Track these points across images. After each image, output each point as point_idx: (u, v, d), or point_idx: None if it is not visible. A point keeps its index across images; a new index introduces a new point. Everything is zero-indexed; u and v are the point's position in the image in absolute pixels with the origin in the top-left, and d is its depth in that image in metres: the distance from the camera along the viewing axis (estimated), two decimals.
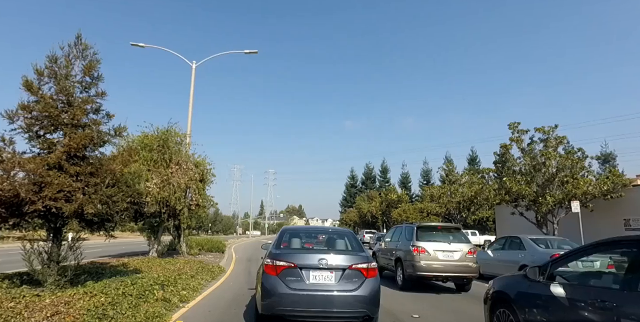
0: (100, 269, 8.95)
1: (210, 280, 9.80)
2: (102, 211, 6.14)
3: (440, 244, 9.69)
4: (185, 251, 15.55)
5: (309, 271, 5.09)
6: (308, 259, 5.16)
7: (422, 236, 9.96)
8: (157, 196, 12.46)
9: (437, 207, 30.45)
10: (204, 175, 15.40)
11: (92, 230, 6.59)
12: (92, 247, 26.02)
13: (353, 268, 5.13)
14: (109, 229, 6.74)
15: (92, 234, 6.65)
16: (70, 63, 7.04)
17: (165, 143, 13.39)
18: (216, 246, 20.93)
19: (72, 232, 6.22)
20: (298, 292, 4.91)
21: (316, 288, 4.98)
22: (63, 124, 6.66)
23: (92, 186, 6.16)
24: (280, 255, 5.27)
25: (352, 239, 6.13)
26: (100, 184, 6.20)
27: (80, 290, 5.48)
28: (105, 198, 6.15)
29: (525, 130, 21.43)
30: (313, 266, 5.10)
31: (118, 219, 6.57)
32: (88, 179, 6.30)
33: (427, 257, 9.50)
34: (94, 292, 5.36)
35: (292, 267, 5.08)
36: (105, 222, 6.77)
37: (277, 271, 5.05)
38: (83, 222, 6.27)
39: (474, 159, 62.16)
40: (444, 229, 10.36)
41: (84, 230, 6.42)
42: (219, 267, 12.06)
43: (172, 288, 7.14)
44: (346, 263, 5.16)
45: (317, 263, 5.10)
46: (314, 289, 4.97)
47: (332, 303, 4.96)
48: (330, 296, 4.97)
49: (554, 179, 19.10)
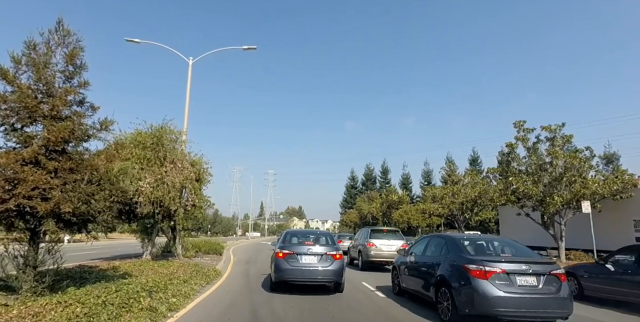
0: (87, 273, 8.37)
1: (205, 285, 9.21)
2: (82, 210, 5.58)
3: (384, 241, 14.48)
4: (180, 253, 14.96)
5: (302, 255, 8.49)
6: (301, 249, 8.60)
7: (373, 235, 14.83)
8: (151, 195, 11.88)
9: (440, 208, 29.85)
10: (201, 174, 14.82)
11: (72, 231, 6.01)
12: (88, 249, 25.44)
13: (327, 254, 8.53)
14: (91, 230, 6.15)
15: (72, 235, 6.06)
16: (51, 50, 6.50)
17: (159, 141, 12.81)
18: (214, 248, 20.36)
19: (48, 234, 5.63)
20: (295, 267, 8.34)
21: (306, 265, 8.40)
22: (42, 115, 6.10)
23: (71, 183, 5.59)
24: (284, 247, 8.72)
25: (329, 238, 9.74)
26: (79, 180, 5.63)
27: (54, 299, 4.89)
28: (85, 196, 5.59)
29: (531, 129, 20.85)
30: (304, 252, 8.52)
31: (101, 219, 6.00)
32: (67, 176, 5.75)
33: (375, 249, 14.31)
34: (70, 302, 4.78)
35: (292, 254, 8.48)
36: (88, 223, 6.21)
37: (283, 256, 8.46)
38: (61, 222, 5.69)
39: (475, 159, 61.49)
40: (388, 231, 15.62)
41: (63, 231, 5.84)
42: (215, 271, 11.47)
43: (161, 295, 6.55)
44: (323, 251, 8.56)
45: (307, 251, 8.55)
46: (304, 265, 8.39)
47: (315, 273, 8.36)
48: (315, 269, 8.37)
49: (562, 179, 18.50)
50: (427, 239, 8.33)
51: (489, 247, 7.22)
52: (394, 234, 15.39)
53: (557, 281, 5.82)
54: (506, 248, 7.01)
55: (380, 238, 14.60)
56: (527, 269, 5.78)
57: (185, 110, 17.21)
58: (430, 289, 6.89)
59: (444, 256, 6.92)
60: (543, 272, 5.79)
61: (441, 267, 6.71)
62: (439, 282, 6.57)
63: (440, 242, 7.50)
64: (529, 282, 5.72)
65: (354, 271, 14.10)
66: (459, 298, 5.91)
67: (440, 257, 7.02)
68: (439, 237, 7.83)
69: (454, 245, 6.93)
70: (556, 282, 5.79)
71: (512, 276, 5.72)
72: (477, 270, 5.78)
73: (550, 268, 5.91)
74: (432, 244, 7.85)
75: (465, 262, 6.09)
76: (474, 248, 6.96)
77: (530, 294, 5.59)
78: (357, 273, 13.50)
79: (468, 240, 7.25)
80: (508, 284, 5.65)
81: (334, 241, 9.45)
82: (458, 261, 6.34)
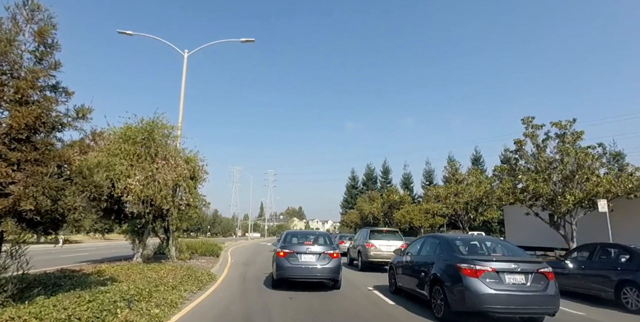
0: (66, 279, 7.58)
1: (197, 291, 8.41)
2: (48, 207, 4.79)
3: (383, 241, 14.32)
4: (174, 256, 14.15)
5: (301, 254, 9.01)
6: (301, 248, 9.13)
7: (373, 236, 14.69)
8: (141, 194, 11.10)
9: (444, 208, 29.06)
10: (196, 172, 14.00)
11: (37, 232, 5.22)
12: (81, 250, 24.61)
13: (325, 253, 9.03)
14: (59, 231, 5.36)
15: (38, 237, 5.28)
16: (18, 27, 5.72)
17: (150, 135, 12.01)
18: (210, 250, 19.53)
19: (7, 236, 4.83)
20: (295, 265, 8.85)
21: (305, 263, 8.93)
22: (5, 100, 5.33)
23: (35, 176, 4.81)
24: (285, 246, 9.22)
25: (327, 238, 10.16)
26: (45, 174, 4.84)
27: (5, 314, 4.10)
28: (51, 191, 4.80)
29: (540, 125, 20.06)
30: (303, 251, 9.05)
31: (72, 218, 5.21)
32: (32, 168, 4.97)
33: (374, 249, 14.17)
34: (25, 318, 3.98)
35: (292, 253, 8.99)
36: (58, 223, 5.43)
37: (284, 255, 8.98)
38: (23, 222, 4.91)
39: (477, 159, 60.85)
40: (388, 232, 15.47)
41: (25, 232, 5.06)
42: (209, 274, 10.67)
43: (143, 304, 5.77)
44: (321, 250, 9.08)
45: (306, 250, 9.07)
46: (304, 264, 8.92)
47: (313, 271, 8.88)
48: (314, 267, 8.89)
49: (574, 177, 17.72)
50: (423, 239, 8.58)
51: (481, 247, 7.38)
52: (393, 234, 15.38)
53: (545, 279, 6.01)
54: (497, 248, 7.23)
55: (379, 239, 14.58)
56: (516, 268, 5.99)
57: (180, 105, 16.43)
58: (424, 287, 7.08)
59: (438, 255, 7.11)
60: (531, 271, 6.01)
61: (435, 266, 6.88)
62: (433, 280, 6.74)
63: (434, 243, 7.72)
64: (518, 280, 5.92)
65: (353, 272, 14.12)
66: (451, 296, 6.09)
67: (434, 256, 7.20)
68: (434, 238, 8.02)
69: (447, 245, 7.10)
70: (544, 280, 5.99)
71: (502, 274, 5.91)
72: (469, 269, 5.97)
73: (538, 267, 6.12)
74: (427, 244, 8.05)
75: (458, 261, 6.28)
76: (466, 248, 7.09)
77: (518, 292, 5.79)
78: (356, 273, 13.60)
79: (461, 240, 7.40)
80: (498, 282, 5.85)
81: (331, 241, 10.04)
82: (451, 260, 6.52)
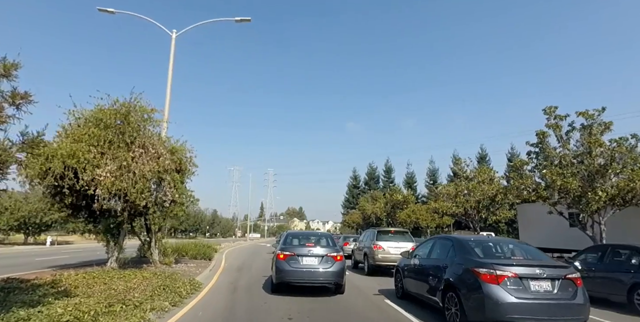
0: (1, 292, 5.81)
1: (171, 307, 6.57)
2: None
3: (392, 243, 13.38)
4: (157, 260, 12.36)
5: (302, 257, 8.70)
6: (302, 251, 8.79)
7: (380, 237, 13.81)
8: (111, 187, 9.33)
9: (454, 207, 27.26)
10: (183, 164, 12.13)
11: None
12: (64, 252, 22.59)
13: (328, 255, 8.73)
14: None
15: None
16: None
17: (125, 119, 10.22)
18: (203, 252, 17.73)
19: None
20: (296, 269, 8.55)
21: (307, 267, 8.62)
22: None
23: None
24: (285, 248, 8.89)
25: (329, 239, 9.77)
26: None
27: None
28: None
29: (564, 116, 18.27)
30: (304, 254, 8.75)
31: None
32: None
33: (382, 252, 13.22)
34: None
35: (293, 255, 8.69)
36: None
37: (284, 257, 8.67)
38: None
39: (483, 157, 59.18)
40: (396, 233, 14.58)
41: None
42: (192, 284, 8.87)
43: None
44: (324, 253, 8.77)
45: (307, 252, 8.76)
46: (305, 267, 8.61)
47: (316, 275, 8.55)
48: (315, 271, 8.57)
49: (607, 171, 15.92)
50: (432, 241, 7.96)
51: (497, 249, 6.74)
52: (403, 235, 14.39)
53: (573, 286, 5.55)
54: (516, 251, 6.64)
55: (387, 240, 13.70)
56: (541, 273, 5.49)
57: (167, 89, 14.64)
58: (436, 293, 6.54)
59: (451, 258, 6.48)
60: (558, 277, 5.52)
61: (448, 270, 6.31)
62: (446, 286, 6.18)
63: (446, 244, 7.05)
64: (543, 287, 5.44)
65: (359, 275, 13.34)
66: (468, 304, 5.56)
67: (447, 260, 6.58)
68: (445, 239, 7.37)
69: (461, 247, 6.48)
70: (572, 287, 5.53)
71: (525, 280, 5.43)
72: (488, 274, 5.46)
73: (566, 272, 5.64)
74: (437, 246, 7.43)
75: (475, 265, 5.72)
76: (482, 250, 6.40)
77: (544, 300, 5.31)
78: (361, 277, 12.84)
79: (475, 242, 6.75)
80: (521, 289, 5.36)
81: (334, 243, 9.63)
82: (466, 264, 5.92)
